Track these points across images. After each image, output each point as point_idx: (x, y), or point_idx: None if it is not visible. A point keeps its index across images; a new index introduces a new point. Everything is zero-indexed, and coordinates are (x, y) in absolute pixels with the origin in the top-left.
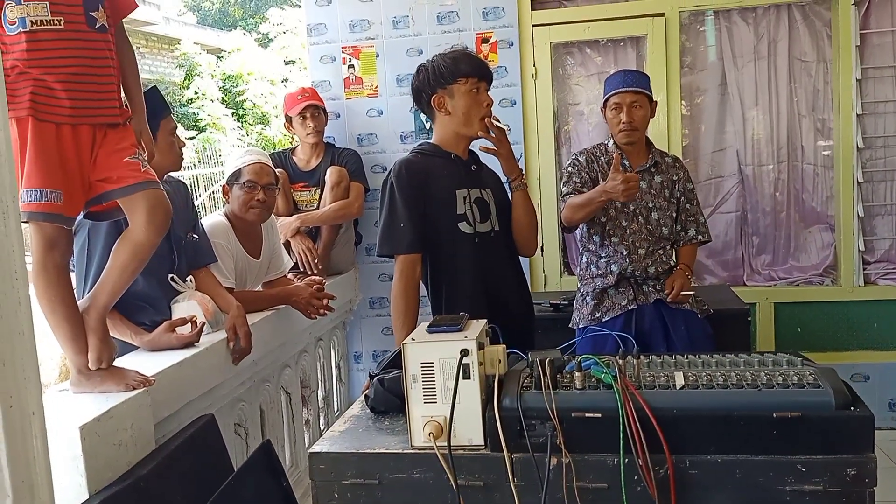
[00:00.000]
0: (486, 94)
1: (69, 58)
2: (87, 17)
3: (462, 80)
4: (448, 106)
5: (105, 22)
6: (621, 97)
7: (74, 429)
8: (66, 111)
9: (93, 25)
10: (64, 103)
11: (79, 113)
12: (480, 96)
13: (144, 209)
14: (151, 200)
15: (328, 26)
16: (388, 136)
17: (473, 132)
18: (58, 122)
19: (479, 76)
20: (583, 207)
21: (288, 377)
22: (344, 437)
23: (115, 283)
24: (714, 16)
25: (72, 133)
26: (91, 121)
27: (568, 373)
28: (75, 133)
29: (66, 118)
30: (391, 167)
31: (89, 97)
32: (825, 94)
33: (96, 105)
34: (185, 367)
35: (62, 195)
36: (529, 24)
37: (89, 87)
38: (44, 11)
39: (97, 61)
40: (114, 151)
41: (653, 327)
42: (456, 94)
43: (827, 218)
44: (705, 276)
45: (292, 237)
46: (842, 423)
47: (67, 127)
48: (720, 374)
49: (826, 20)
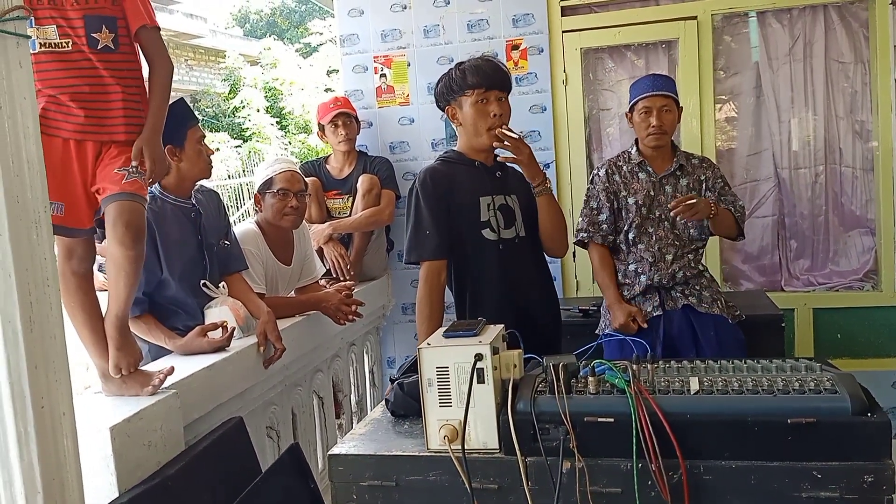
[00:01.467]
0: (495, 103)
1: (73, 78)
2: (88, 38)
3: (469, 92)
4: (459, 117)
5: (110, 42)
6: (651, 101)
7: (105, 429)
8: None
9: (94, 47)
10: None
11: (88, 129)
12: (488, 106)
13: (111, 220)
14: (116, 211)
15: (360, 36)
16: (420, 144)
17: (483, 143)
18: (64, 137)
19: (487, 86)
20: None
21: (320, 381)
22: (364, 439)
23: (116, 293)
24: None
25: (77, 148)
26: (95, 138)
27: (582, 378)
28: (80, 148)
29: (72, 133)
30: (416, 175)
31: (95, 115)
32: (863, 96)
33: (100, 123)
34: (215, 371)
35: (63, 207)
36: (559, 30)
37: (93, 107)
38: (53, 35)
39: (99, 80)
40: (109, 163)
41: (681, 333)
42: (464, 106)
43: (867, 222)
44: (742, 282)
45: (325, 244)
46: (858, 430)
47: (73, 142)
48: (736, 380)
49: (863, 20)
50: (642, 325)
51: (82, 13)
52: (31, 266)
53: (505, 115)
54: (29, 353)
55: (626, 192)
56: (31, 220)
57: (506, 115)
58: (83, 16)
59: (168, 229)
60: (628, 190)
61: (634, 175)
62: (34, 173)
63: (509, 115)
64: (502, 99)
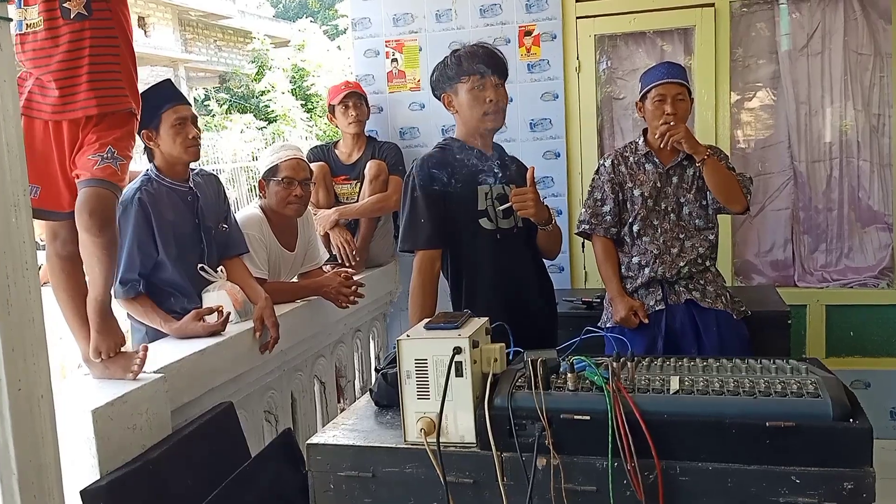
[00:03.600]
0: (491, 89)
1: (48, 58)
2: (61, 9)
3: (465, 79)
4: (455, 104)
5: (82, 8)
6: (666, 88)
7: (87, 412)
8: (51, 107)
9: (68, 16)
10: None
11: (59, 108)
12: (484, 92)
13: (78, 206)
14: (83, 198)
15: (372, 20)
16: (430, 130)
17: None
18: (44, 119)
19: (482, 72)
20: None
21: (322, 366)
22: (345, 429)
23: (92, 278)
24: (768, 6)
25: (54, 129)
26: (69, 116)
27: (562, 374)
28: (57, 129)
29: (50, 115)
30: (413, 163)
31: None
32: (881, 89)
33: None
34: (207, 356)
35: (39, 190)
36: (573, 16)
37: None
38: (34, 14)
39: (71, 53)
40: (87, 149)
41: (683, 328)
42: (460, 93)
43: (884, 217)
44: (753, 276)
45: (331, 229)
46: (839, 435)
47: (51, 124)
48: (718, 380)
49: (883, 11)
50: (643, 319)
51: None
52: (9, 249)
53: (501, 101)
54: (6, 337)
55: (631, 184)
56: (10, 204)
57: (502, 100)
58: None
59: (163, 211)
60: (634, 181)
61: (641, 166)
62: (13, 157)
63: (506, 101)
64: (499, 85)
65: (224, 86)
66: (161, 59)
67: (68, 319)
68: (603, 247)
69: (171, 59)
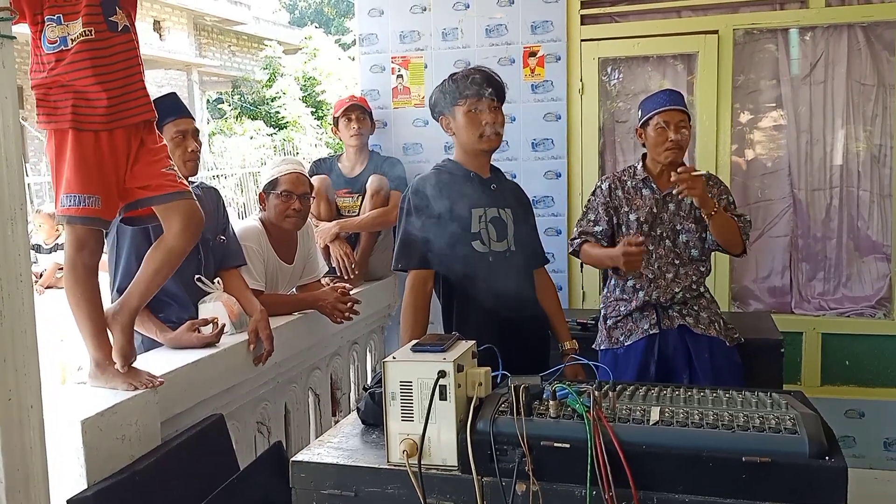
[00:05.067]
0: (487, 111)
1: (104, 65)
2: (108, 23)
3: (461, 102)
4: (452, 127)
5: (127, 22)
6: (669, 115)
7: (76, 422)
8: (102, 118)
9: (115, 29)
10: (101, 110)
11: (114, 117)
12: (480, 115)
13: (181, 217)
14: (188, 209)
15: (379, 36)
16: (433, 147)
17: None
18: (96, 130)
19: (478, 94)
20: (594, 262)
21: (317, 379)
22: (331, 447)
23: (148, 286)
24: (771, 34)
25: (108, 139)
26: (126, 122)
27: (545, 400)
28: (111, 139)
29: (103, 125)
30: (410, 183)
31: (123, 98)
32: (884, 119)
33: (129, 105)
34: (200, 367)
35: (100, 200)
36: (578, 38)
37: (123, 90)
38: (79, 27)
39: (124, 62)
40: (153, 161)
41: (676, 353)
42: (457, 115)
43: (883, 248)
44: (750, 302)
45: (331, 242)
46: (814, 473)
47: (105, 133)
48: (698, 412)
49: (888, 42)
50: (638, 244)
51: None
52: (4, 262)
53: (498, 124)
54: None
55: (627, 208)
56: (7, 217)
57: (498, 123)
58: (100, 2)
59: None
60: (630, 206)
61: (638, 191)
62: (12, 171)
63: (503, 124)
64: (496, 108)
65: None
66: (175, 63)
67: (88, 328)
68: (589, 246)
69: (185, 63)
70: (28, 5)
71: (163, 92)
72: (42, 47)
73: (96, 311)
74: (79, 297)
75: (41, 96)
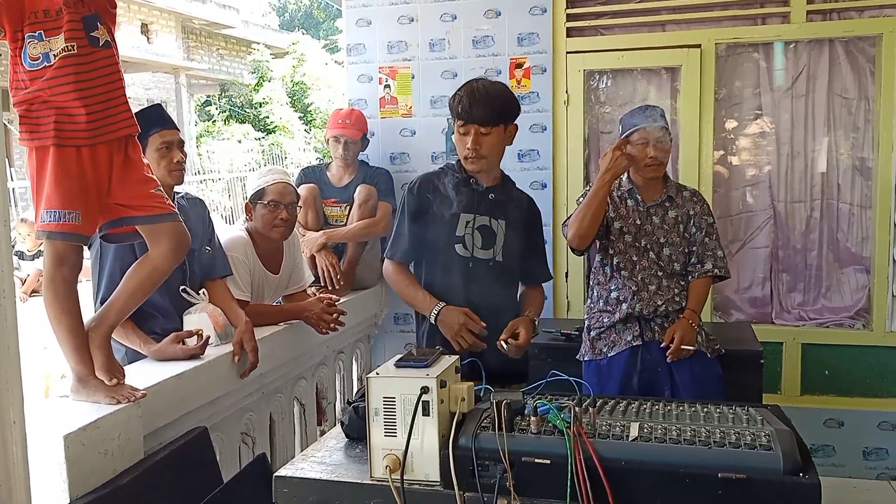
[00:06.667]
0: (472, 136)
1: (86, 80)
2: (89, 38)
3: (456, 120)
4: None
5: (108, 37)
6: (647, 132)
7: (59, 437)
8: (84, 133)
9: (96, 45)
10: (82, 126)
11: (96, 133)
12: (465, 138)
13: (169, 240)
14: (176, 232)
15: (367, 46)
16: (420, 156)
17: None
18: (78, 146)
19: (464, 119)
20: (587, 208)
21: (303, 388)
22: (314, 461)
23: (126, 303)
24: (753, 48)
25: (90, 154)
26: (108, 137)
27: (527, 416)
28: (93, 154)
29: (84, 140)
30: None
31: (106, 113)
32: (865, 133)
33: (112, 120)
34: (185, 379)
35: (80, 215)
36: (564, 50)
37: (106, 105)
38: (61, 42)
39: (106, 77)
40: (139, 181)
41: (658, 365)
42: (455, 130)
43: (862, 259)
44: (732, 312)
45: (317, 252)
46: (788, 490)
47: (87, 149)
48: (675, 428)
49: (869, 56)
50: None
51: (80, 15)
52: None
53: (483, 148)
54: None
55: (613, 215)
56: None
57: (484, 148)
58: (81, 17)
59: None
60: (616, 213)
61: (623, 201)
62: None
63: (490, 148)
64: (483, 133)
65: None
66: (163, 66)
67: (69, 343)
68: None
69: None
70: (8, 22)
71: (150, 94)
72: (23, 64)
73: (77, 325)
74: (59, 311)
75: (23, 113)
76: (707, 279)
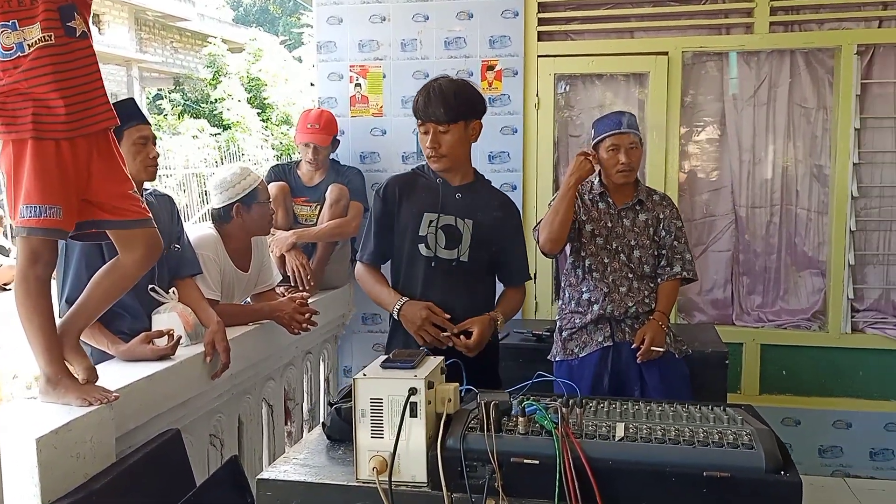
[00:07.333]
0: (431, 135)
1: (64, 71)
2: (65, 28)
3: (417, 120)
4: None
5: (84, 28)
6: (620, 139)
7: (31, 440)
8: (63, 126)
9: (73, 35)
10: (61, 118)
11: (76, 126)
12: (426, 137)
13: (142, 246)
14: (149, 239)
15: (337, 44)
16: (390, 156)
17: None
18: (57, 139)
19: (422, 119)
20: (552, 214)
21: (271, 389)
22: (296, 464)
23: (96, 308)
24: (717, 57)
25: (69, 148)
26: (87, 130)
27: (514, 416)
28: (73, 147)
29: (64, 133)
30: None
31: (85, 106)
32: (823, 141)
33: (91, 113)
34: (156, 381)
35: (61, 210)
36: (535, 54)
37: (85, 96)
38: (37, 32)
39: (85, 69)
40: (117, 180)
41: (628, 366)
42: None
43: (818, 263)
44: (695, 314)
45: (287, 251)
46: (771, 488)
47: (66, 142)
48: (660, 428)
49: (829, 68)
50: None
51: (56, 5)
52: None
53: (443, 147)
54: None
55: (585, 218)
56: None
57: (444, 147)
58: (57, 7)
59: None
60: (588, 216)
61: (595, 203)
62: None
63: (450, 146)
64: (441, 132)
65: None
66: (114, 58)
67: (39, 343)
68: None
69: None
70: None
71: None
72: None
73: (48, 324)
74: (30, 310)
75: None
76: (676, 281)
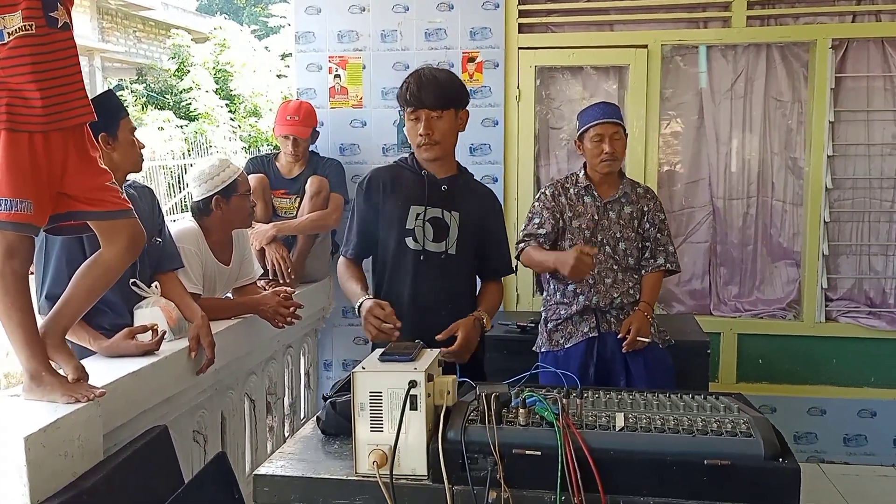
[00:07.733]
0: (424, 122)
1: (43, 62)
2: (47, 18)
3: (405, 108)
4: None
5: (67, 19)
6: (603, 128)
7: (19, 439)
8: (39, 118)
9: (55, 25)
10: (37, 111)
11: (52, 119)
12: (417, 124)
13: (125, 237)
14: (132, 230)
15: (316, 35)
16: (371, 148)
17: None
18: (31, 132)
19: (414, 105)
20: (537, 265)
21: (253, 384)
22: (292, 458)
23: (81, 304)
24: (695, 51)
25: (43, 141)
26: (64, 124)
27: (514, 408)
28: (47, 141)
29: (39, 126)
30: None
31: (63, 99)
32: (798, 134)
33: (68, 106)
34: (141, 377)
35: (32, 205)
36: (516, 46)
37: (62, 90)
38: (18, 20)
39: (64, 61)
40: (94, 173)
41: (614, 356)
42: (406, 120)
43: (793, 254)
44: (673, 304)
45: (267, 244)
46: (770, 474)
47: (40, 135)
48: (659, 417)
49: (804, 62)
50: (592, 253)
51: None
52: None
53: (436, 133)
54: None
55: (571, 214)
56: None
57: (436, 132)
58: None
59: None
60: (573, 212)
61: (580, 198)
62: None
63: (443, 132)
64: (435, 117)
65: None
66: None
67: (19, 339)
68: (533, 248)
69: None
70: None
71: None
72: None
73: (28, 319)
74: (9, 306)
75: None
76: (659, 273)
